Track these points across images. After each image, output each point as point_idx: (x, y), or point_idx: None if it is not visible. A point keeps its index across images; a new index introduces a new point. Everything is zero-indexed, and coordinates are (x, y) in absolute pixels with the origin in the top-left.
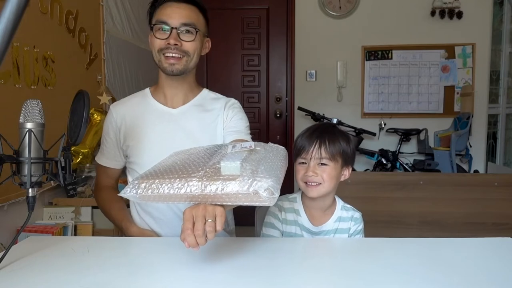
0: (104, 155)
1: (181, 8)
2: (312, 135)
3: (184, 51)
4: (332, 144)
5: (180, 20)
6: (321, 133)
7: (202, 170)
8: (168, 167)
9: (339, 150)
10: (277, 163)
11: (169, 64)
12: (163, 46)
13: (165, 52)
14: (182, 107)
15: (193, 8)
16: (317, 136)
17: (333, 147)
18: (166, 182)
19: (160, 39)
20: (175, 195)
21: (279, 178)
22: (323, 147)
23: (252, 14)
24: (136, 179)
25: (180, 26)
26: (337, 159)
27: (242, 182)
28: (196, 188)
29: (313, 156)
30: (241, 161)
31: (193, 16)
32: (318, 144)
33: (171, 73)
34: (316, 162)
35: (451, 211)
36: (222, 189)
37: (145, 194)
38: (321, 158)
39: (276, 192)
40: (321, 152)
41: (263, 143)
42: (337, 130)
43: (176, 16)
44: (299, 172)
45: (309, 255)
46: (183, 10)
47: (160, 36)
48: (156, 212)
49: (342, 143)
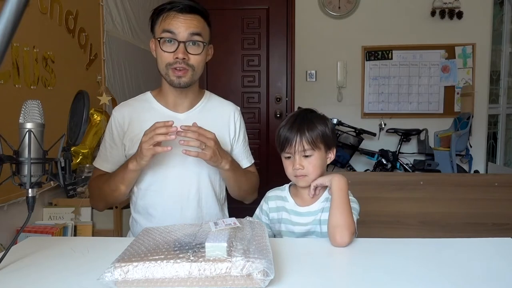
0: (106, 160)
1: (187, 20)
2: (292, 127)
3: (190, 65)
4: (311, 131)
5: (187, 32)
6: (300, 124)
7: (190, 250)
8: (153, 248)
9: (319, 135)
10: (265, 242)
11: (177, 77)
12: (172, 61)
13: (173, 66)
14: (188, 112)
15: (198, 18)
16: (297, 129)
17: (313, 135)
18: (153, 264)
19: (167, 53)
20: (162, 279)
21: (271, 259)
22: (304, 138)
23: (252, 14)
24: (117, 262)
25: (187, 39)
26: (319, 146)
27: (234, 263)
28: (184, 271)
29: (297, 150)
30: (228, 240)
31: (199, 26)
32: (299, 137)
33: (178, 85)
34: (301, 155)
35: (451, 211)
36: (213, 271)
37: (126, 279)
38: (305, 151)
39: (271, 274)
40: (303, 144)
41: (243, 220)
42: (314, 115)
43: (183, 29)
44: (287, 168)
45: (308, 255)
46: (190, 22)
47: (168, 49)
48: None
49: (320, 128)
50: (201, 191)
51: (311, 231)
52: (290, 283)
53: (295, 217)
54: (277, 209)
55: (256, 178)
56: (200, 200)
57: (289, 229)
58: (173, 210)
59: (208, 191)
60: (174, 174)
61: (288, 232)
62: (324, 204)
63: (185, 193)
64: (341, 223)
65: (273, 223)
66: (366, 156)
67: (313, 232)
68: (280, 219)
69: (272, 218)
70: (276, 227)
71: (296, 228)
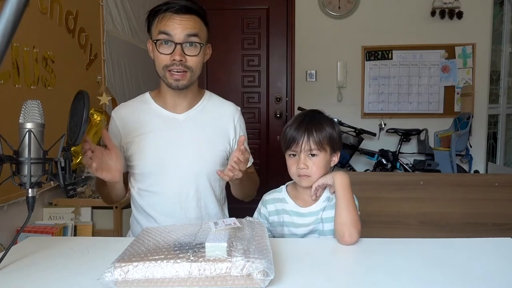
0: None
1: (184, 21)
2: (300, 127)
3: (188, 67)
4: (319, 132)
5: (184, 33)
6: (308, 124)
7: (190, 250)
8: (153, 248)
9: (326, 137)
10: (265, 242)
11: (174, 80)
12: (169, 63)
13: (170, 68)
14: (187, 112)
15: (195, 18)
16: (305, 128)
17: (320, 136)
18: (153, 264)
19: (164, 55)
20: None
21: (271, 259)
22: (311, 138)
23: (252, 14)
24: (117, 262)
25: (184, 40)
26: (325, 147)
27: (234, 263)
28: (184, 270)
29: (303, 149)
30: (228, 240)
31: (196, 27)
32: (307, 136)
33: (176, 88)
34: (306, 154)
35: (451, 211)
36: (213, 271)
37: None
38: (311, 150)
39: (271, 274)
40: (310, 143)
41: (243, 220)
42: (323, 117)
43: (179, 30)
44: (291, 167)
45: (308, 255)
46: (187, 23)
47: (164, 51)
48: (157, 218)
49: (328, 130)
50: (200, 191)
51: (313, 230)
52: (290, 283)
53: (297, 218)
54: (277, 212)
55: (257, 178)
56: (200, 200)
57: (291, 231)
58: (173, 210)
59: (207, 191)
60: (173, 174)
61: (290, 235)
62: (325, 203)
63: (184, 193)
64: (348, 221)
65: (274, 227)
66: (366, 156)
67: (315, 230)
68: (282, 222)
69: (272, 222)
70: (278, 230)
71: (299, 230)
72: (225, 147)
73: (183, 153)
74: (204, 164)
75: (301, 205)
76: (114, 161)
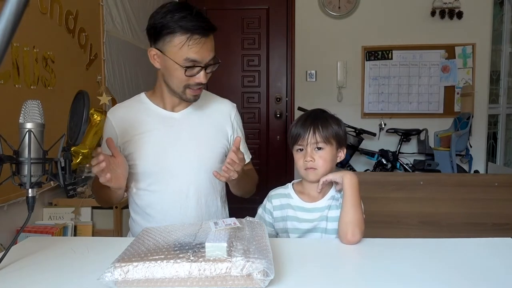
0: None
1: (208, 43)
2: (305, 122)
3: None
4: (325, 128)
5: (210, 57)
6: (313, 120)
7: (190, 250)
8: (153, 248)
9: (332, 133)
10: (265, 242)
11: (194, 96)
12: (192, 83)
13: (192, 86)
14: (184, 111)
15: (212, 35)
16: (310, 123)
17: (326, 131)
18: (153, 264)
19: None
20: (162, 279)
21: (271, 259)
22: (317, 132)
23: (252, 14)
24: (118, 262)
25: (209, 63)
26: (332, 141)
27: (234, 263)
28: (184, 270)
29: (309, 142)
30: (228, 240)
31: (214, 45)
32: (313, 130)
33: (194, 101)
34: (313, 147)
35: (451, 211)
36: (213, 271)
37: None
38: (317, 143)
39: (271, 274)
40: (316, 137)
41: (243, 220)
42: (328, 115)
43: (206, 54)
44: (298, 161)
45: (308, 255)
46: (210, 44)
47: (189, 74)
48: (156, 218)
49: (334, 126)
50: (200, 189)
51: (316, 227)
52: (290, 283)
53: (302, 213)
54: (281, 206)
55: (256, 175)
56: (200, 199)
57: (295, 226)
58: (172, 209)
59: (207, 188)
60: (173, 172)
61: (293, 229)
62: (331, 202)
63: (184, 191)
64: (353, 221)
65: (277, 222)
66: (366, 156)
67: (318, 228)
68: (285, 216)
69: (276, 217)
70: (280, 225)
71: (303, 225)
72: (224, 144)
73: (182, 151)
74: (203, 161)
75: (307, 201)
76: (121, 168)
